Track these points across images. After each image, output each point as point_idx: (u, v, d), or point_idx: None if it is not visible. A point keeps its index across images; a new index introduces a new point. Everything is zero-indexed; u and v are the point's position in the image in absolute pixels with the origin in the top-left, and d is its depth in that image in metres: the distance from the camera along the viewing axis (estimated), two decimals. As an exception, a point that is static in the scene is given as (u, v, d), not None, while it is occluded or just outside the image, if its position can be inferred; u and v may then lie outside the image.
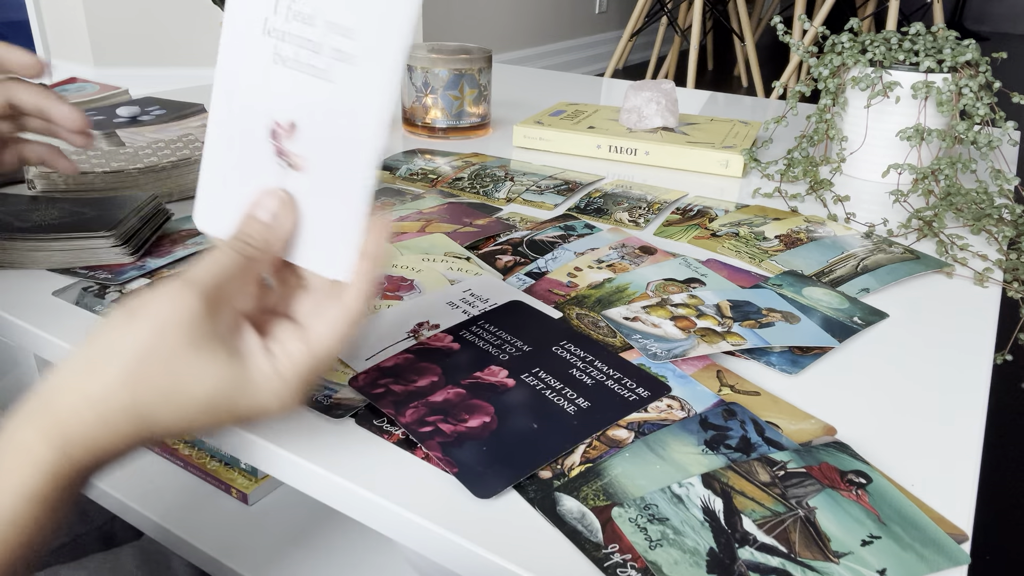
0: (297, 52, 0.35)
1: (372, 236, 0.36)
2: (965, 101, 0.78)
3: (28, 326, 0.53)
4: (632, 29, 3.27)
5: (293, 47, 0.35)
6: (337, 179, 0.36)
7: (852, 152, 0.88)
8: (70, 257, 0.60)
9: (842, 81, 0.85)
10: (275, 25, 0.35)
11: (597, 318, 0.54)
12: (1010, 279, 0.64)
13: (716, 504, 0.38)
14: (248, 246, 0.36)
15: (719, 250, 0.68)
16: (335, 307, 0.37)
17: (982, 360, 0.52)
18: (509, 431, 0.42)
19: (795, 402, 0.47)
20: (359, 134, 0.35)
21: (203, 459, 0.61)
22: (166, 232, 0.68)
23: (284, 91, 0.36)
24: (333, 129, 0.35)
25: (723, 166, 0.89)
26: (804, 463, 0.41)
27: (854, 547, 0.36)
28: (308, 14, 0.34)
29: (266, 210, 0.37)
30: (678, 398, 0.46)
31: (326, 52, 0.34)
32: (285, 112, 0.36)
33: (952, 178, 0.77)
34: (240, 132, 0.37)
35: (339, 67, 0.34)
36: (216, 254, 0.36)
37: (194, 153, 0.78)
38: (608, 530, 0.36)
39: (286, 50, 0.35)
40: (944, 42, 0.83)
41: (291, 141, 0.36)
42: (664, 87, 0.97)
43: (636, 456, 0.41)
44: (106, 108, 1.00)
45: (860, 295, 0.60)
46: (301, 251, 0.38)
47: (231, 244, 0.36)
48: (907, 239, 0.71)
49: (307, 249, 0.38)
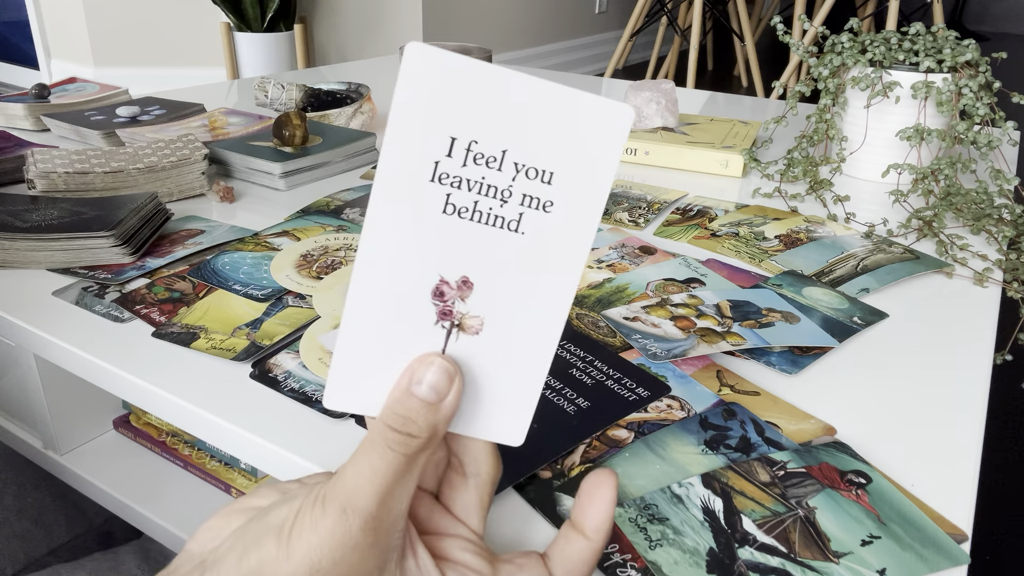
0: (477, 201, 0.30)
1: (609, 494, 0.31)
2: (965, 101, 0.78)
3: (28, 326, 0.53)
4: (632, 29, 3.27)
5: (472, 195, 0.30)
6: (518, 340, 0.31)
7: (852, 152, 0.88)
8: (70, 257, 0.60)
9: (842, 81, 0.85)
10: (448, 170, 0.29)
11: (597, 318, 0.54)
12: (1010, 279, 0.64)
13: (716, 504, 0.38)
14: (408, 436, 0.29)
15: (719, 250, 0.68)
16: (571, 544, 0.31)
17: (982, 360, 0.52)
18: (509, 431, 0.42)
19: (795, 402, 0.47)
20: (552, 290, 0.30)
21: (203, 459, 0.61)
22: (166, 232, 0.68)
23: (457, 246, 0.30)
24: (518, 285, 0.30)
25: (723, 166, 0.89)
26: (804, 463, 0.41)
27: (854, 547, 0.36)
28: (494, 157, 0.29)
29: (428, 385, 0.29)
30: (678, 398, 0.46)
31: (515, 200, 0.30)
32: (456, 269, 0.30)
33: (952, 178, 0.77)
34: (392, 294, 0.31)
35: (532, 216, 0.30)
36: (372, 459, 0.28)
37: (194, 153, 0.78)
38: (608, 530, 0.36)
39: (462, 199, 0.30)
40: (944, 42, 0.83)
41: (462, 301, 0.31)
42: (664, 87, 0.97)
43: (636, 456, 0.41)
44: (106, 108, 1.00)
45: (860, 295, 0.60)
46: (465, 419, 0.32)
47: (386, 439, 0.29)
48: (907, 239, 0.71)
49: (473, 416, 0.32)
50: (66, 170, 0.71)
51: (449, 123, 0.29)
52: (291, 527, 0.28)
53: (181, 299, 0.56)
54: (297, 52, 2.86)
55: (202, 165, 0.77)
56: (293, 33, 2.84)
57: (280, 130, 0.85)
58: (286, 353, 0.50)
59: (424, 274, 0.30)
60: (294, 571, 0.28)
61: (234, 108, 1.03)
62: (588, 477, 0.31)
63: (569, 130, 0.29)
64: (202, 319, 0.53)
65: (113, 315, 0.54)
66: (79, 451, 0.63)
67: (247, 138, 0.88)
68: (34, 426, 0.63)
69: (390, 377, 0.31)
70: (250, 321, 0.53)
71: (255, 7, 2.72)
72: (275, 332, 0.52)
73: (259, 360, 0.49)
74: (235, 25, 2.78)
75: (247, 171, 0.83)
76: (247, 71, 2.81)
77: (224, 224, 0.70)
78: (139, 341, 0.51)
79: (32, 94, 1.04)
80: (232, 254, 0.63)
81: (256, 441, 0.42)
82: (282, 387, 0.46)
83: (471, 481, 0.32)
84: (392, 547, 0.29)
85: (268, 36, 2.77)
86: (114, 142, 0.92)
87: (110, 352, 0.50)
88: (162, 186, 0.75)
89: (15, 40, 3.43)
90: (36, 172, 0.70)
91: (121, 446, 0.64)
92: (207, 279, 0.59)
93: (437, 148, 0.29)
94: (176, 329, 0.52)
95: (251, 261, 0.62)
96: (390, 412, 0.29)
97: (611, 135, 0.29)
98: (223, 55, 2.86)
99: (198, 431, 0.45)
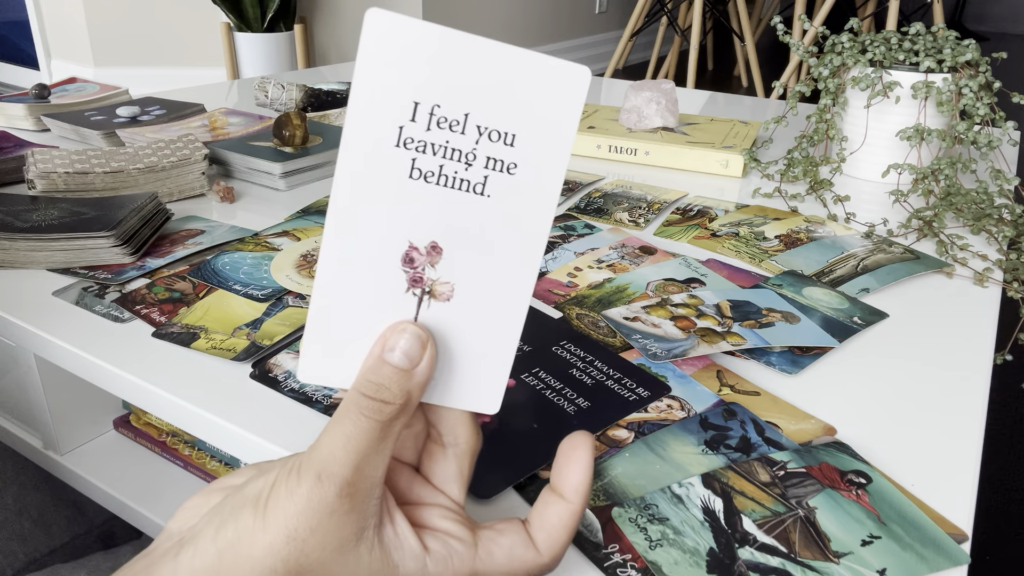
0: (443, 164, 0.30)
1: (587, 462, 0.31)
2: (965, 101, 0.78)
3: (28, 326, 0.53)
4: (632, 29, 3.27)
5: (437, 159, 0.30)
6: (489, 305, 0.31)
7: (852, 152, 0.88)
8: (70, 257, 0.60)
9: (842, 81, 0.85)
10: (413, 135, 0.29)
11: (597, 318, 0.54)
12: (1010, 279, 0.64)
13: (716, 504, 0.38)
14: (383, 403, 0.28)
15: (719, 250, 0.68)
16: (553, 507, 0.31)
17: (982, 360, 0.52)
18: (509, 431, 0.42)
19: (795, 402, 0.47)
20: (519, 253, 0.31)
21: (203, 459, 0.61)
22: (166, 232, 0.68)
23: (424, 211, 0.30)
24: (487, 249, 0.31)
25: (723, 166, 0.89)
26: (804, 463, 0.41)
27: (854, 547, 0.36)
28: (457, 120, 0.30)
29: (400, 352, 0.29)
30: (678, 398, 0.46)
31: (480, 163, 0.30)
32: (425, 234, 0.31)
33: (952, 178, 0.77)
34: (362, 263, 0.31)
35: (497, 179, 0.30)
36: (346, 427, 0.28)
37: (194, 153, 0.78)
38: (608, 530, 0.36)
39: (427, 163, 0.30)
40: (944, 42, 0.83)
41: (432, 267, 0.31)
42: (664, 87, 0.97)
43: (636, 456, 0.41)
44: (106, 108, 1.00)
45: (860, 295, 0.60)
46: (440, 389, 0.32)
47: (360, 407, 0.28)
48: (907, 239, 0.71)
49: (447, 385, 0.32)
50: (66, 170, 0.71)
51: (411, 88, 0.29)
52: (267, 497, 0.28)
53: (181, 299, 0.56)
54: (297, 52, 2.86)
55: (202, 165, 0.77)
56: (293, 33, 2.84)
57: (280, 130, 0.85)
58: (286, 353, 0.50)
59: (393, 240, 0.30)
60: (271, 540, 0.28)
61: (234, 108, 1.03)
62: (564, 441, 0.32)
63: (528, 92, 0.29)
64: (202, 319, 0.53)
65: (113, 315, 0.54)
66: (79, 451, 0.63)
67: (247, 138, 0.88)
68: (34, 426, 0.63)
69: (363, 348, 0.31)
70: (250, 321, 0.53)
71: (255, 7, 2.72)
72: (275, 332, 0.52)
73: (259, 360, 0.49)
74: (235, 25, 2.78)
75: (247, 171, 0.83)
76: (247, 71, 2.81)
77: (224, 224, 0.70)
78: (139, 341, 0.51)
79: (32, 94, 1.04)
80: (232, 254, 0.63)
81: (256, 441, 0.42)
82: (282, 387, 0.46)
83: (449, 451, 0.33)
84: (369, 514, 0.29)
85: (268, 36, 2.76)
86: (114, 142, 0.92)
87: (110, 352, 0.50)
88: (162, 186, 0.75)
89: (15, 40, 3.43)
90: (36, 172, 0.70)
91: (121, 446, 0.64)
92: (207, 279, 0.59)
93: (401, 113, 0.29)
94: (176, 329, 0.52)
95: (251, 261, 0.62)
96: (364, 380, 0.29)
97: (569, 96, 0.29)
98: (223, 55, 2.86)
99: (198, 431, 0.45)
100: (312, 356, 0.31)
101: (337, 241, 0.30)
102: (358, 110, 0.29)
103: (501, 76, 0.29)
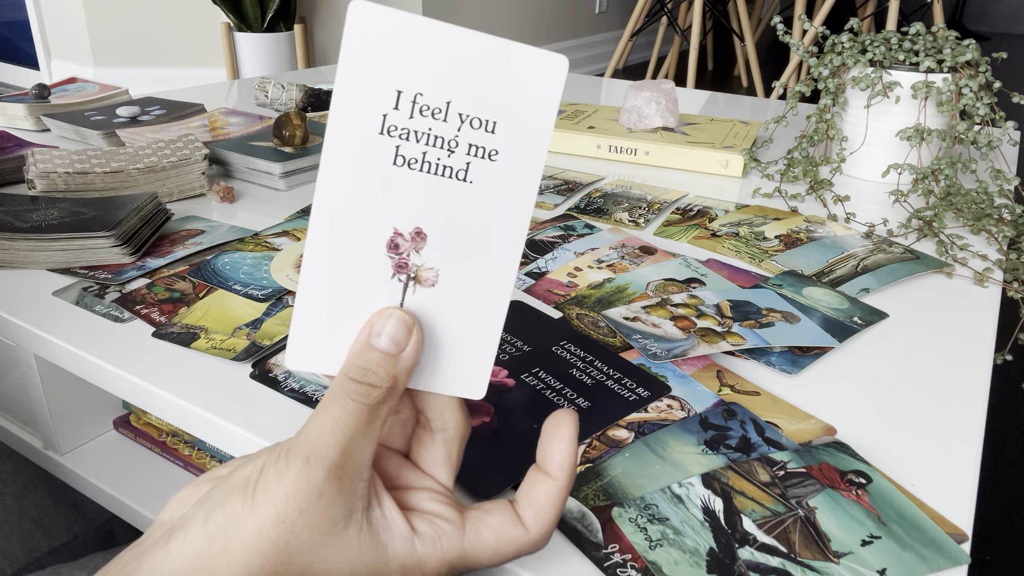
0: (425, 152, 0.30)
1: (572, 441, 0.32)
2: (965, 101, 0.78)
3: (28, 326, 0.53)
4: (632, 29, 3.27)
5: (420, 146, 0.30)
6: (473, 290, 0.32)
7: (852, 152, 0.88)
8: (70, 257, 0.60)
9: (842, 81, 0.85)
10: (396, 123, 0.30)
11: (597, 318, 0.54)
12: (1010, 279, 0.64)
13: (716, 504, 0.38)
14: (370, 387, 0.29)
15: (719, 250, 0.68)
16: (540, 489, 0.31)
17: (982, 360, 0.52)
18: (509, 431, 0.42)
19: (795, 402, 0.47)
20: (502, 239, 0.31)
21: (203, 459, 0.61)
22: (166, 232, 0.68)
23: (408, 197, 0.31)
24: (470, 235, 0.31)
25: (723, 166, 0.89)
26: (804, 463, 0.41)
27: (854, 547, 0.36)
28: (439, 108, 0.30)
29: (387, 337, 0.30)
30: (678, 398, 0.46)
31: (462, 150, 0.31)
32: (409, 220, 0.31)
33: (952, 178, 0.77)
34: (348, 250, 0.31)
35: (479, 165, 0.31)
36: (334, 411, 0.29)
37: (194, 153, 0.78)
38: (608, 530, 0.36)
39: (411, 150, 0.30)
40: (944, 42, 0.83)
41: (417, 253, 0.32)
42: (664, 87, 0.97)
43: (636, 456, 0.41)
44: (106, 108, 1.00)
45: (860, 295, 0.60)
46: (426, 375, 0.33)
47: (348, 390, 0.29)
48: (907, 239, 0.71)
49: (433, 371, 0.33)
50: (66, 170, 0.71)
51: (394, 77, 0.30)
52: (256, 481, 0.29)
53: (181, 299, 0.56)
54: (297, 52, 2.86)
55: (202, 165, 0.77)
56: (293, 33, 2.84)
57: (280, 130, 0.85)
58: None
59: (378, 227, 0.31)
60: (260, 524, 0.28)
61: (234, 108, 1.03)
62: (548, 419, 0.32)
63: (508, 81, 0.30)
64: (202, 319, 0.53)
65: (113, 315, 0.54)
66: (79, 451, 0.63)
67: (247, 138, 0.88)
68: (34, 426, 0.63)
69: (350, 335, 0.31)
70: (250, 321, 0.53)
71: (255, 7, 2.72)
72: (275, 332, 0.52)
73: (259, 360, 0.49)
74: (235, 25, 2.78)
75: (247, 171, 0.83)
76: (247, 71, 2.81)
77: (224, 224, 0.70)
78: (139, 341, 0.51)
79: (32, 94, 1.04)
80: (232, 254, 0.63)
81: (256, 441, 0.42)
82: (282, 387, 0.46)
83: (438, 436, 0.33)
84: (357, 496, 0.29)
85: (268, 36, 2.77)
86: (114, 142, 0.92)
87: (110, 352, 0.50)
88: (162, 186, 0.75)
89: (15, 40, 3.43)
90: (36, 172, 0.70)
91: (121, 446, 0.64)
92: (207, 279, 0.59)
93: (384, 101, 0.30)
94: (176, 329, 0.52)
95: (251, 261, 0.62)
96: (351, 364, 0.29)
97: (548, 84, 0.30)
98: (223, 55, 2.86)
99: (198, 431, 0.45)
100: (300, 343, 0.32)
101: (323, 228, 0.31)
102: (343, 99, 0.30)
103: (482, 65, 0.30)
